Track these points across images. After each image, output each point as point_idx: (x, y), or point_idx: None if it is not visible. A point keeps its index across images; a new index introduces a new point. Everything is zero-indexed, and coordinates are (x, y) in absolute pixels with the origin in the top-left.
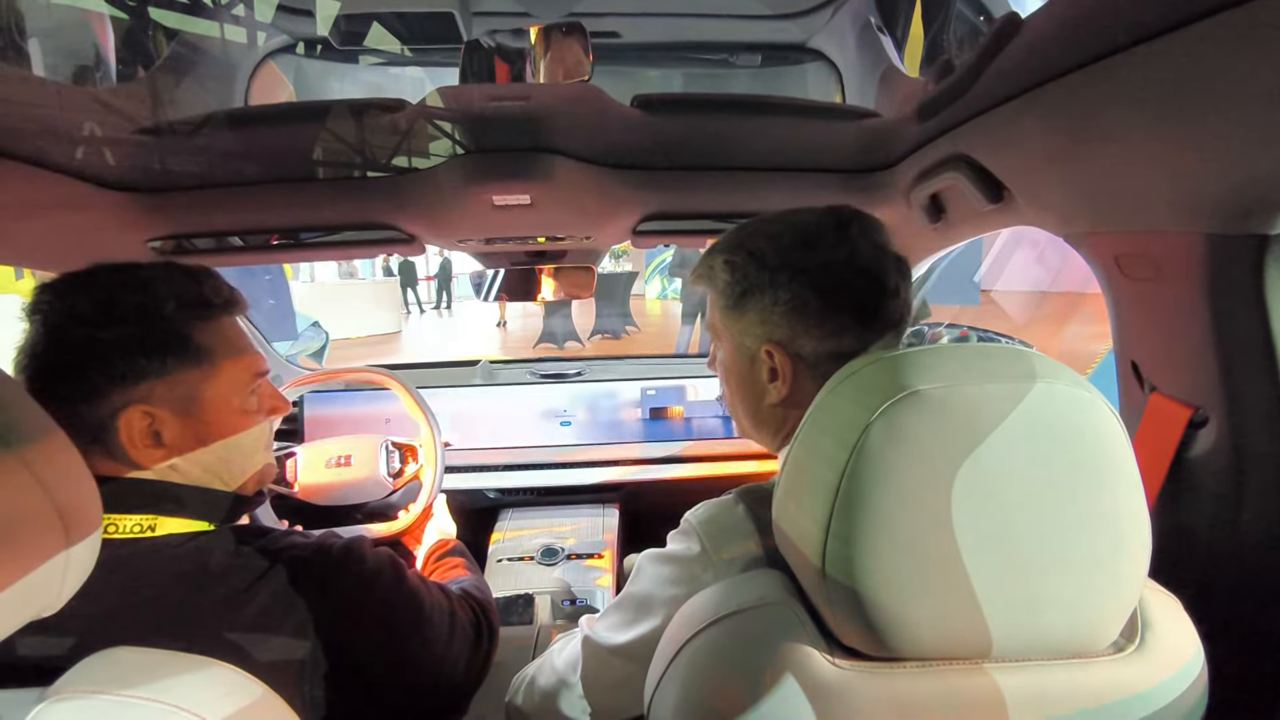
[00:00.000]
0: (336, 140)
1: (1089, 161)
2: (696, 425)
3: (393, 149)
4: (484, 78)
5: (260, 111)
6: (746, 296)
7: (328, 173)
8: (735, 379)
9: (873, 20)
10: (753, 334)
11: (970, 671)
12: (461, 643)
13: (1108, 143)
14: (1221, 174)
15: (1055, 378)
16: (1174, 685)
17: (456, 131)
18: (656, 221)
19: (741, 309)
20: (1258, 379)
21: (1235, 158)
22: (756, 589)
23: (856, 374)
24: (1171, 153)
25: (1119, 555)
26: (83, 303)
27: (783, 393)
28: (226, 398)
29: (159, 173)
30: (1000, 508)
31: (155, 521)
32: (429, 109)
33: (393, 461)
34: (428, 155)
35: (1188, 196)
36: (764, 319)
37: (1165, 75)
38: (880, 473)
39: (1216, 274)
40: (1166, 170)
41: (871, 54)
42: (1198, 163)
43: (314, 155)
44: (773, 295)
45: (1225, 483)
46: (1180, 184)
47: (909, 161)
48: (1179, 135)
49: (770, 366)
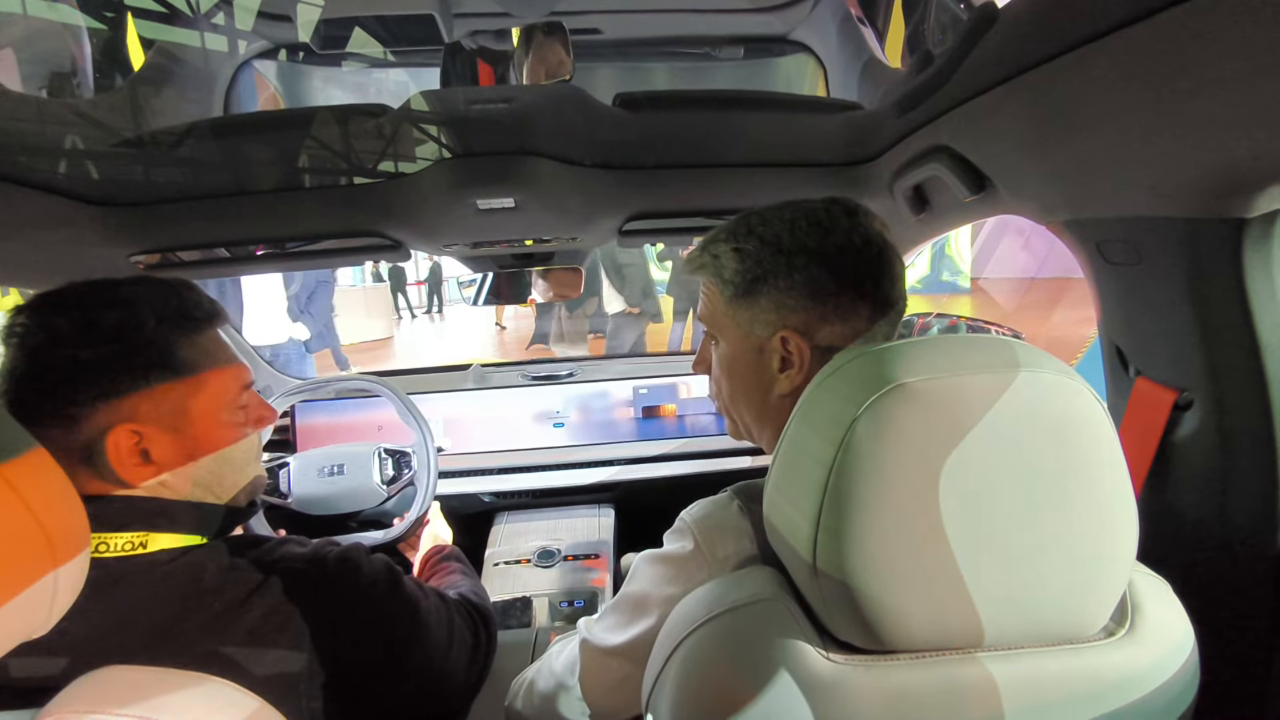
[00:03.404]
0: (319, 149)
1: (1068, 149)
2: (690, 422)
3: (376, 156)
4: (466, 80)
5: (240, 120)
6: (759, 283)
7: (311, 181)
8: (740, 372)
9: (853, 12)
10: (765, 321)
11: (963, 661)
12: (460, 649)
13: (1085, 130)
14: (1198, 158)
15: (1040, 366)
16: (1165, 667)
17: (439, 136)
18: (642, 221)
19: (754, 295)
20: (1240, 360)
21: (1211, 142)
22: (750, 586)
23: (842, 369)
24: (1148, 138)
25: (1106, 541)
26: (62, 323)
27: (796, 381)
28: (213, 411)
29: (139, 186)
30: (988, 498)
31: (147, 538)
32: (411, 114)
33: (386, 469)
34: (411, 161)
35: (1165, 181)
36: (779, 304)
37: (1139, 62)
38: (868, 466)
39: (1196, 257)
40: (1144, 156)
41: (853, 45)
42: (1174, 148)
43: (296, 164)
44: (788, 279)
45: (1211, 464)
46: (1158, 169)
47: (892, 154)
48: (1155, 121)
49: (783, 355)
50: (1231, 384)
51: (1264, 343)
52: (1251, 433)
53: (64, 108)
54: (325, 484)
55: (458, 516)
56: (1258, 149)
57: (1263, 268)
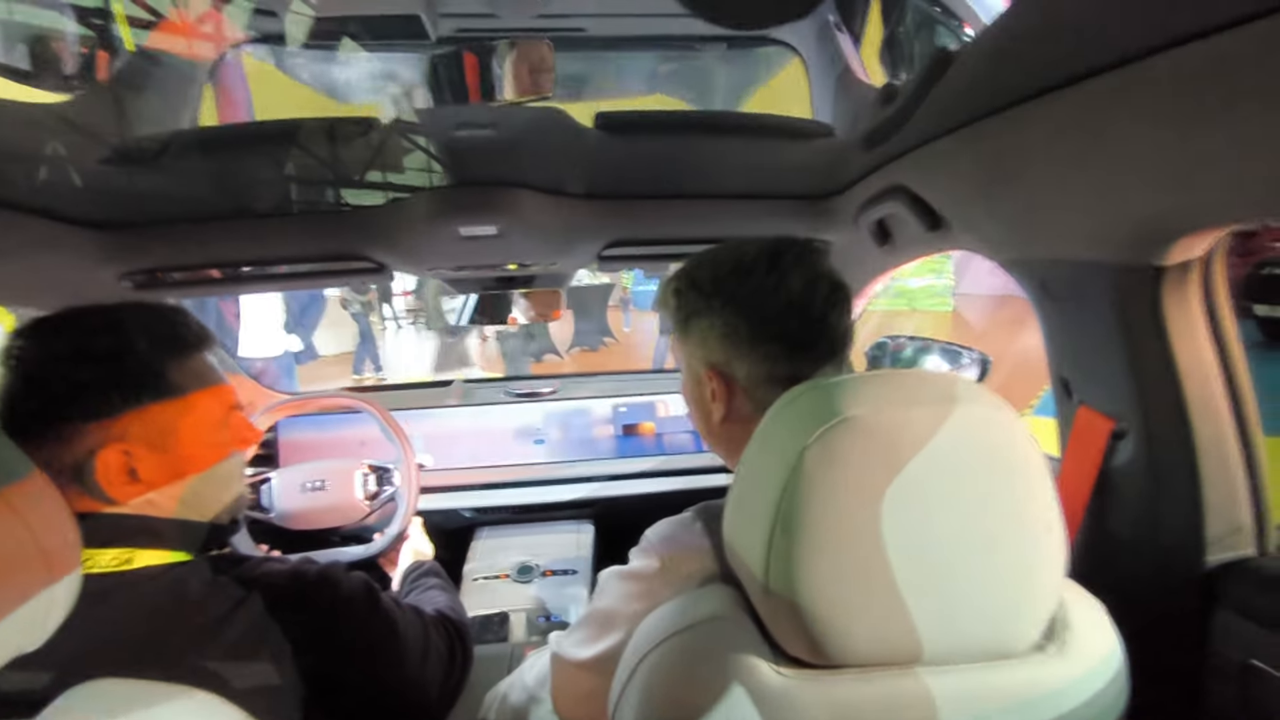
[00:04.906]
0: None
1: (1013, 195)
2: (668, 440)
3: (362, 183)
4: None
5: (229, 133)
6: (689, 321)
7: (297, 206)
8: (689, 398)
9: (831, 19)
10: (696, 356)
11: (903, 675)
12: (435, 664)
13: (1027, 179)
14: (1121, 212)
15: (974, 401)
16: (1093, 681)
17: (423, 166)
18: (621, 248)
19: (686, 333)
20: (1166, 395)
21: (1131, 198)
22: (708, 604)
23: (795, 401)
24: (1079, 191)
25: (1035, 563)
26: (57, 346)
27: (721, 412)
28: (200, 431)
29: (129, 208)
30: (926, 523)
31: (132, 555)
32: (396, 137)
33: (368, 484)
34: (395, 190)
35: (1096, 230)
36: (703, 343)
37: (1067, 123)
38: (816, 493)
39: (1124, 298)
40: (1078, 205)
41: (830, 51)
42: (1099, 202)
43: (283, 189)
44: (709, 321)
45: (1144, 491)
46: (1089, 219)
47: (856, 189)
48: (1082, 176)
49: (712, 388)
50: (1159, 415)
51: (1184, 378)
52: (1177, 461)
53: (48, 127)
54: (307, 499)
55: (439, 532)
56: (1164, 207)
57: (1181, 310)
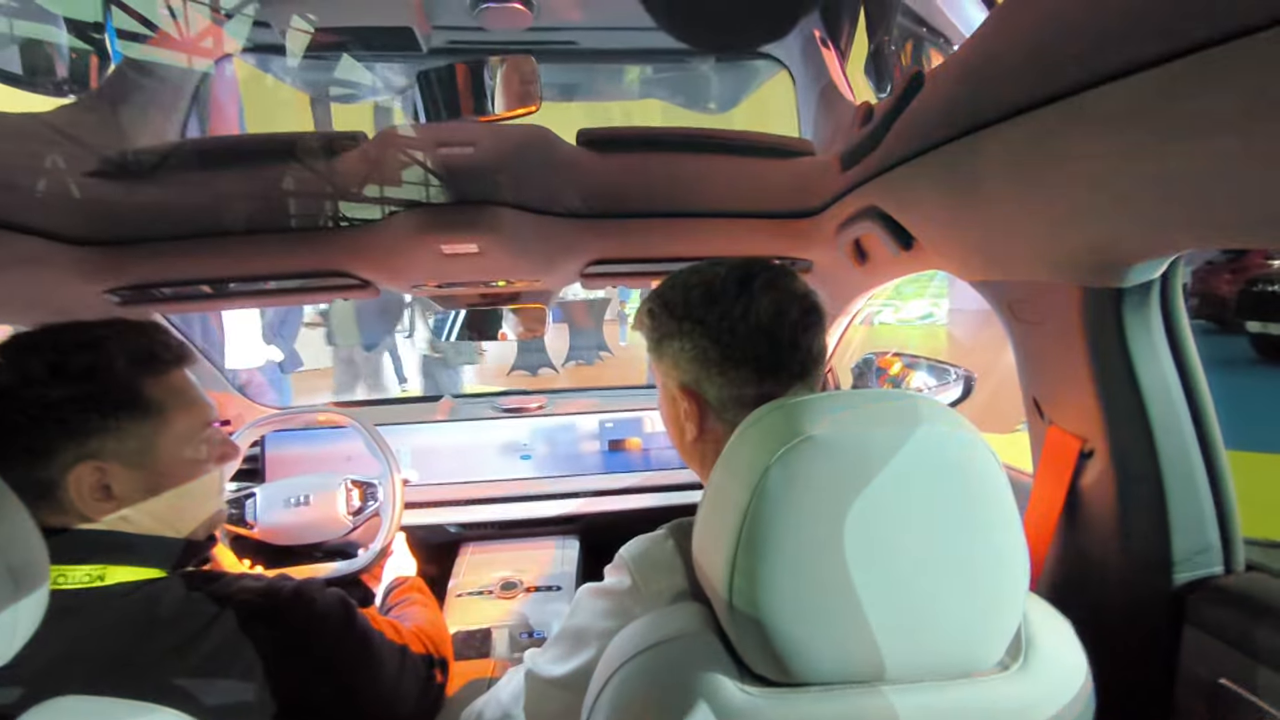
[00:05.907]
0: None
1: (979, 218)
2: (654, 456)
3: (346, 201)
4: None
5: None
6: (661, 343)
7: (281, 223)
8: (665, 415)
9: (816, 34)
10: (670, 376)
11: (867, 693)
12: (411, 680)
13: (993, 203)
14: (1080, 237)
15: (937, 420)
16: (1057, 698)
17: (405, 183)
18: (603, 265)
19: (660, 353)
20: (1131, 414)
21: (1092, 221)
22: (677, 622)
23: (759, 421)
24: (1040, 216)
25: (998, 581)
26: (34, 364)
27: (694, 431)
28: (177, 449)
29: (112, 223)
30: (889, 542)
31: (105, 571)
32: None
33: (352, 500)
34: (379, 206)
35: (1060, 253)
36: (675, 364)
37: (1026, 149)
38: (779, 512)
39: (1087, 320)
40: (1041, 229)
41: (815, 66)
42: (1065, 224)
43: (267, 206)
44: (680, 344)
45: (1111, 507)
46: (1053, 242)
47: (834, 209)
48: (1043, 203)
49: (684, 406)
50: (1125, 434)
51: (1148, 397)
52: (1144, 480)
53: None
54: (291, 514)
55: (424, 547)
56: (1120, 231)
57: (1142, 330)
